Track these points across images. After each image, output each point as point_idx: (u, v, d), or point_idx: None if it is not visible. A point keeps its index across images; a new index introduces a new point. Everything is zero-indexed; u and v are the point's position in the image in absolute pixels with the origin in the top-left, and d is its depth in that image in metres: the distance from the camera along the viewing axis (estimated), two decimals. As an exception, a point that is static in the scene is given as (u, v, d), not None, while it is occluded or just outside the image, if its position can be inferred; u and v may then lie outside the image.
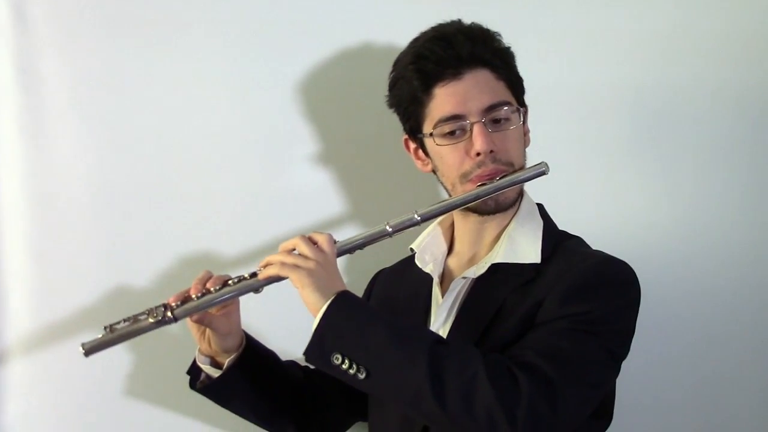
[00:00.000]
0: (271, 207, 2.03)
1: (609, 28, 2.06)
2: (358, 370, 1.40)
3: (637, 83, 2.05)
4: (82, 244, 2.02)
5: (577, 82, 2.05)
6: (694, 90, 2.05)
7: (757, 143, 2.05)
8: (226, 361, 1.66)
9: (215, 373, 1.67)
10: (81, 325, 1.99)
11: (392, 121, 1.72)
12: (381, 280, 1.87)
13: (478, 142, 1.56)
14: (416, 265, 1.71)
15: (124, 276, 2.01)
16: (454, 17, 1.66)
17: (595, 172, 2.05)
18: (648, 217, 2.04)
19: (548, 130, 1.95)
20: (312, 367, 1.79)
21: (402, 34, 1.69)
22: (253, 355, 1.69)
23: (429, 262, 1.70)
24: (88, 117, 2.03)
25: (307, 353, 1.43)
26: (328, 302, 1.43)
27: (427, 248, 1.72)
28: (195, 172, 2.03)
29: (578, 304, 1.48)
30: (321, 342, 1.42)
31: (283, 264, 1.49)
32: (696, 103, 2.05)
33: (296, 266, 1.47)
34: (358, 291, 1.86)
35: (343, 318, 1.43)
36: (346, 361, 1.40)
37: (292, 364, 1.81)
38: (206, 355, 1.68)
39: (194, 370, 1.70)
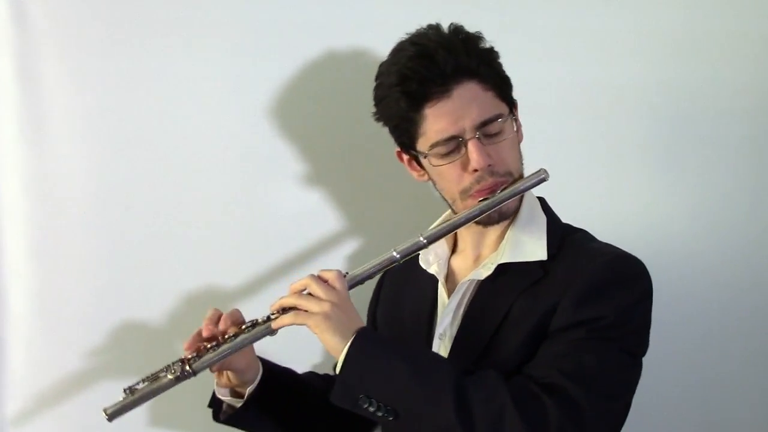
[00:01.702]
0: (270, 215, 2.04)
1: (615, 28, 2.06)
2: (386, 412, 1.41)
3: (643, 83, 2.06)
4: (82, 244, 2.02)
5: (583, 81, 2.06)
6: (699, 89, 2.06)
7: (763, 142, 2.07)
8: (247, 391, 1.65)
9: (236, 404, 1.66)
10: (81, 324, 2.01)
11: (387, 133, 1.70)
12: (388, 279, 1.85)
13: (474, 159, 1.54)
14: (421, 265, 1.71)
15: (124, 275, 2.02)
16: (460, 17, 1.63)
17: (601, 172, 2.06)
18: (653, 216, 2.05)
19: (554, 129, 1.97)
20: (332, 374, 1.78)
21: (395, 41, 1.67)
22: (272, 381, 1.68)
23: (433, 263, 1.70)
24: (88, 117, 2.02)
25: (334, 398, 1.43)
26: (348, 344, 1.42)
27: (431, 249, 1.68)
28: (196, 171, 2.04)
29: (592, 308, 1.48)
30: (346, 386, 1.42)
31: (297, 313, 1.48)
32: (701, 103, 2.06)
33: (311, 313, 1.46)
34: (365, 293, 1.86)
35: (364, 359, 1.42)
36: (374, 403, 1.40)
37: (312, 375, 1.81)
38: (225, 388, 1.67)
39: (215, 402, 1.69)
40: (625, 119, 2.06)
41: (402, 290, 1.79)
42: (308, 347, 1.75)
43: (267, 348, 1.73)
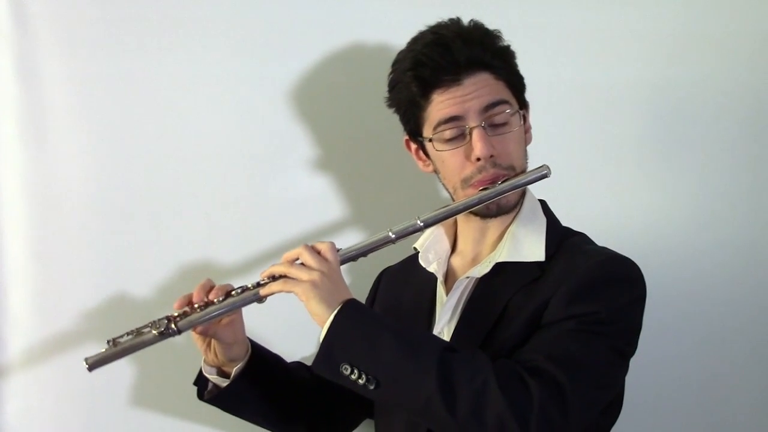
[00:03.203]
0: (272, 209, 2.03)
1: (616, 28, 2.07)
2: (367, 381, 1.39)
3: (642, 83, 2.06)
4: (82, 244, 2.02)
5: (583, 81, 2.06)
6: (699, 89, 2.06)
7: (762, 142, 2.07)
8: (233, 371, 1.66)
9: (222, 383, 1.67)
10: (81, 325, 1.99)
11: (391, 124, 1.72)
12: (386, 279, 1.86)
13: (478, 147, 1.56)
14: (420, 264, 1.71)
15: (124, 276, 2.02)
16: (459, 15, 1.65)
17: (600, 171, 2.06)
18: (652, 215, 2.05)
19: (554, 129, 1.97)
20: None
21: (401, 35, 1.68)
22: (260, 362, 1.68)
23: (432, 262, 1.70)
24: (89, 117, 2.03)
25: (316, 365, 1.43)
26: (334, 313, 1.43)
27: (431, 247, 1.72)
28: (197, 172, 2.03)
29: (584, 304, 1.48)
30: (329, 353, 1.42)
31: (285, 280, 1.49)
32: (700, 103, 2.06)
33: (299, 280, 1.47)
34: (363, 291, 1.87)
35: (350, 328, 1.42)
36: (355, 371, 1.40)
37: (299, 365, 1.81)
38: (212, 366, 1.68)
39: (201, 381, 1.69)
40: (623, 119, 2.06)
41: (401, 290, 1.79)
42: (303, 338, 1.73)
43: (262, 338, 1.76)
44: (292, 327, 1.71)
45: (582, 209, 1.87)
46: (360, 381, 1.40)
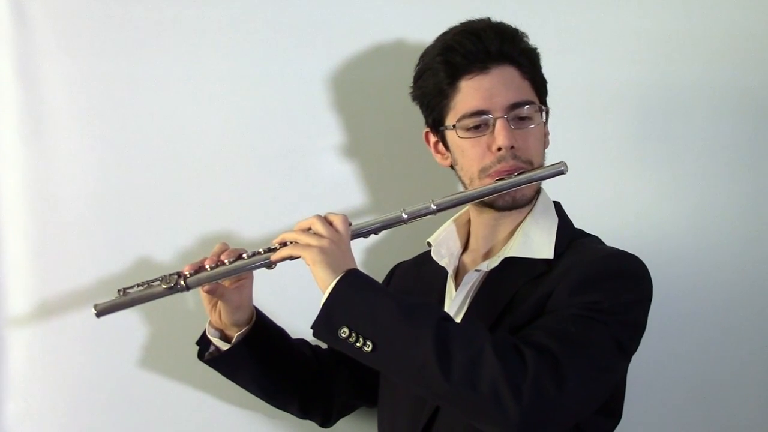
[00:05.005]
0: (291, 199, 2.04)
1: (616, 29, 2.08)
2: (364, 343, 1.41)
3: (643, 83, 2.07)
4: (83, 245, 2.02)
5: (583, 81, 2.07)
6: (700, 90, 2.07)
7: (762, 142, 2.08)
8: (236, 335, 1.69)
9: (224, 346, 1.70)
10: (81, 325, 1.99)
11: (415, 118, 1.74)
12: (398, 273, 1.89)
13: (500, 137, 1.58)
14: (432, 259, 1.73)
15: (124, 275, 1.99)
16: (459, 19, 1.68)
17: (601, 171, 2.06)
18: (653, 215, 2.05)
19: (552, 129, 1.99)
20: (323, 347, 1.83)
21: (421, 31, 1.73)
22: (263, 331, 1.71)
23: (445, 256, 1.72)
24: (89, 117, 2.03)
25: (315, 327, 1.45)
26: (338, 278, 1.45)
27: (444, 242, 1.74)
28: (199, 172, 2.03)
29: (588, 293, 1.49)
30: (328, 316, 1.44)
31: (295, 245, 1.52)
32: (701, 103, 2.07)
33: (309, 245, 1.50)
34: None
35: (351, 293, 1.44)
36: (353, 334, 1.41)
37: (302, 342, 1.83)
38: (216, 328, 1.71)
39: (203, 342, 1.73)
40: (623, 119, 2.08)
41: (412, 283, 1.81)
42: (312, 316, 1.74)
43: (271, 312, 1.77)
44: (301, 303, 1.69)
45: (583, 208, 1.84)
46: (357, 344, 1.41)
